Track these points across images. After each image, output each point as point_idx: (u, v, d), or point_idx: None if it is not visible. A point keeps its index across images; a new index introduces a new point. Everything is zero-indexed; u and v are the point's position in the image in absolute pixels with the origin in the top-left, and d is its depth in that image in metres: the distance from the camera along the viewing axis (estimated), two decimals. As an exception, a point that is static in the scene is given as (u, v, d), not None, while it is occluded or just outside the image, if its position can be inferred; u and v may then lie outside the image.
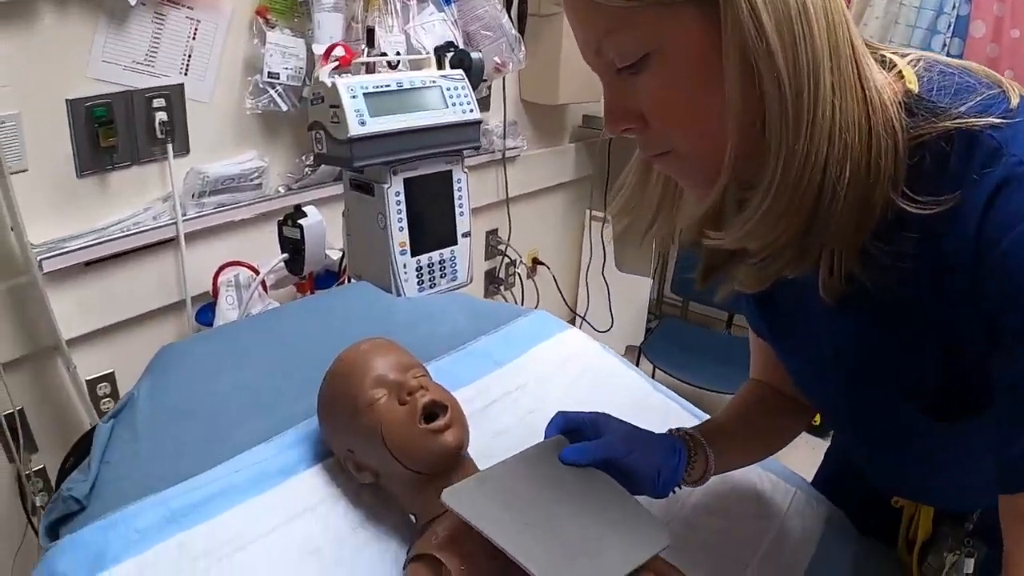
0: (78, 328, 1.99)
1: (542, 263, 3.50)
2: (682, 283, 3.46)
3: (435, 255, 1.69)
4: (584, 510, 0.93)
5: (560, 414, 1.05)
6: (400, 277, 1.61)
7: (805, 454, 1.34)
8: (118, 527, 1.00)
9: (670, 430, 1.09)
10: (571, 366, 1.48)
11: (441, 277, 1.70)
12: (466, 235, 1.74)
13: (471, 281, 1.76)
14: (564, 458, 0.98)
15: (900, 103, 0.74)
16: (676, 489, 1.03)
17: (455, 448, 0.99)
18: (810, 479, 1.40)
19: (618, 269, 3.65)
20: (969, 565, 1.08)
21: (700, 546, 1.18)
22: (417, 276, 1.66)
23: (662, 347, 3.33)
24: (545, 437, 1.03)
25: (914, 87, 0.76)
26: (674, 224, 0.95)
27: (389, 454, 0.99)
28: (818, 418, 3.54)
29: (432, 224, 1.69)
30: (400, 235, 1.60)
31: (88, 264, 1.96)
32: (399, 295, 1.63)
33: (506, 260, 3.27)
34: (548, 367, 1.45)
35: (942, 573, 1.10)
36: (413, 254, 1.64)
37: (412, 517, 1.03)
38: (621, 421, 1.04)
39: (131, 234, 2.02)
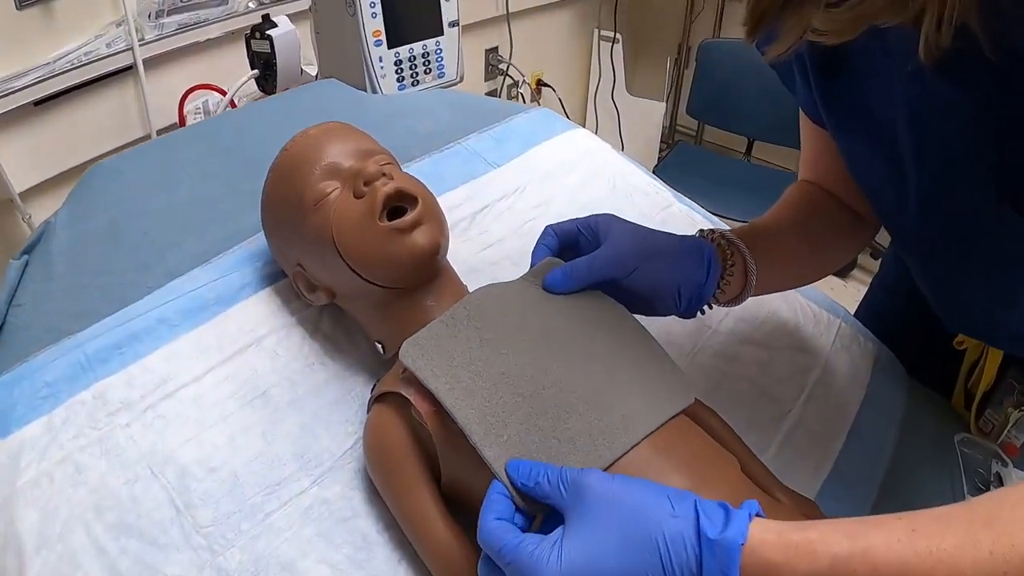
0: (33, 176, 1.77)
1: (547, 85, 3.18)
2: (698, 107, 3.08)
3: (417, 47, 1.39)
4: (581, 357, 0.69)
5: (549, 229, 0.79)
6: (376, 72, 1.32)
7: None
8: (24, 381, 0.79)
9: (700, 231, 0.83)
10: (580, 168, 1.20)
11: (425, 73, 1.40)
12: (453, 24, 1.43)
13: (462, 79, 1.46)
14: (547, 285, 0.73)
15: None
16: (706, 308, 0.81)
17: (427, 251, 0.72)
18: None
19: (629, 93, 3.34)
20: (1037, 423, 0.90)
21: (736, 381, 0.97)
22: (396, 71, 1.36)
23: (677, 173, 2.99)
24: (532, 262, 0.77)
25: None
26: None
27: (343, 263, 0.73)
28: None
29: (411, 11, 1.38)
30: (373, 23, 1.30)
31: (38, 104, 1.73)
32: (375, 93, 1.33)
33: (508, 81, 2.95)
34: (551, 168, 1.17)
35: (1004, 431, 0.94)
36: (390, 45, 1.35)
37: (379, 346, 0.77)
38: (627, 224, 0.78)
39: (83, 65, 1.78)
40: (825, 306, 1.11)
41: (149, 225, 0.95)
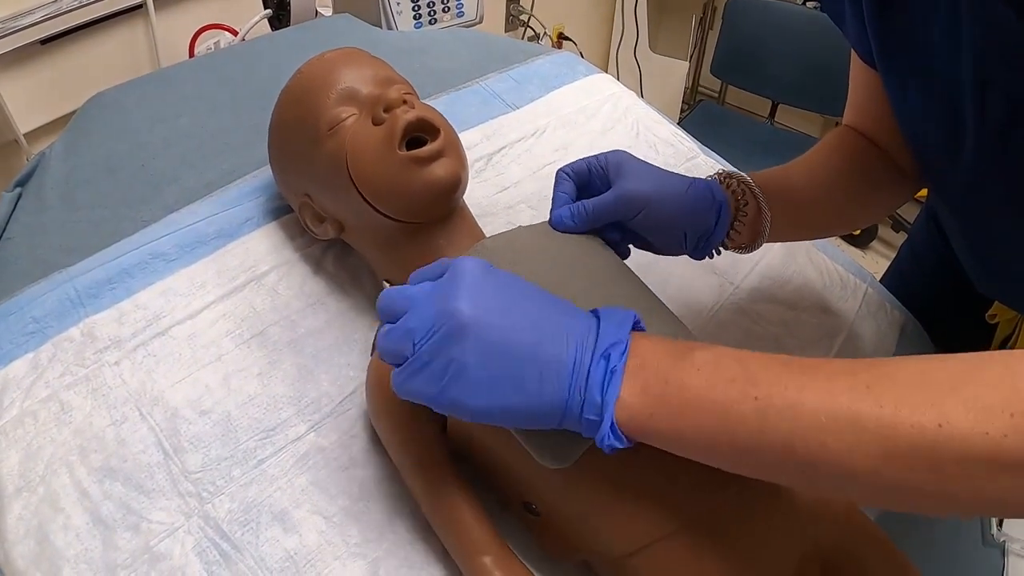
0: (39, 117, 1.66)
1: (568, 38, 3.08)
2: (723, 66, 2.99)
3: (435, -19, 1.32)
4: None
5: (561, 172, 0.74)
6: (391, 8, 1.25)
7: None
8: (11, 316, 0.74)
9: (717, 173, 0.78)
10: (602, 114, 1.13)
11: (444, 11, 1.34)
12: (474, -40, 1.35)
13: (481, 20, 1.39)
14: (553, 223, 0.70)
15: None
16: (721, 250, 0.78)
17: (446, 184, 0.67)
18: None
19: (651, 50, 3.23)
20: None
21: (760, 340, 0.92)
22: (413, 8, 1.30)
23: (698, 131, 2.87)
24: (554, 206, 0.72)
25: None
26: None
27: (356, 192, 0.68)
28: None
29: (428, -57, 1.30)
30: (389, -45, 1.23)
31: (44, 42, 1.62)
32: (390, 30, 1.27)
33: (528, 32, 2.86)
34: (572, 112, 1.11)
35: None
36: (407, -21, 1.27)
37: (387, 285, 0.71)
38: (638, 165, 0.73)
39: (92, 3, 1.66)
40: (852, 270, 1.05)
41: (148, 158, 0.90)
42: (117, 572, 0.60)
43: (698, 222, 0.73)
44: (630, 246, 0.76)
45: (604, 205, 0.69)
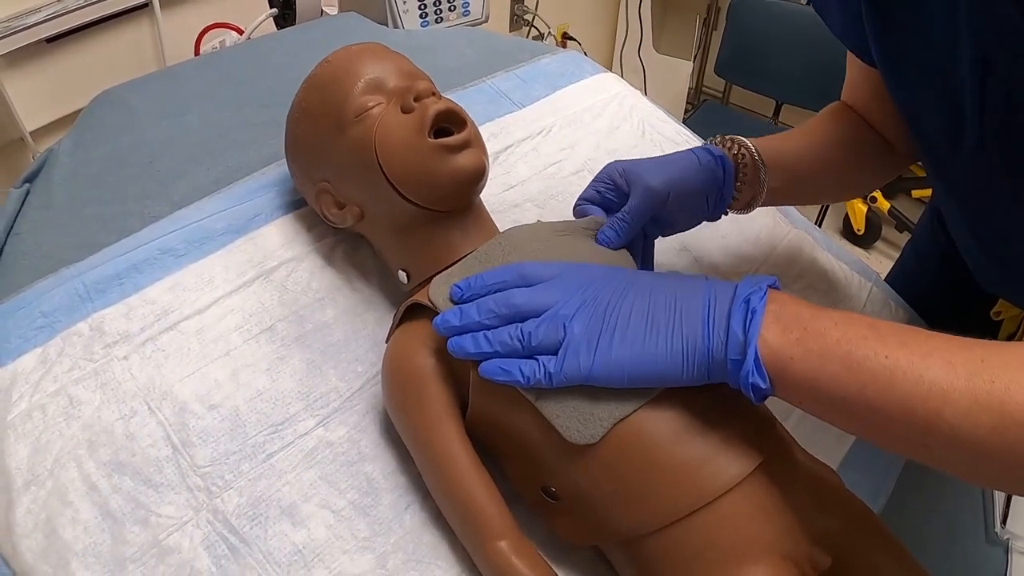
0: (45, 115, 1.68)
1: (572, 38, 3.08)
2: (727, 66, 2.99)
3: (441, -20, 1.33)
4: None
5: (579, 206, 0.79)
6: (398, 7, 1.25)
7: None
8: (20, 312, 0.74)
9: (714, 138, 0.83)
10: (607, 113, 1.13)
11: (450, 10, 1.34)
12: (479, -41, 1.36)
13: (487, 19, 1.39)
14: (602, 243, 0.73)
15: None
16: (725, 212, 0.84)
17: (473, 173, 0.69)
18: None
19: (656, 50, 3.24)
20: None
21: None
22: (419, 7, 1.31)
23: (703, 130, 2.88)
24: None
25: None
26: None
27: (382, 177, 0.69)
28: (862, 224, 3.13)
29: (434, -58, 1.31)
30: (396, -46, 1.23)
31: (50, 41, 1.64)
32: (396, 28, 1.27)
33: (533, 32, 2.86)
34: (578, 111, 1.11)
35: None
36: (413, -22, 1.28)
37: (403, 275, 0.73)
38: (640, 161, 0.77)
39: (98, 1, 1.68)
40: (857, 268, 1.06)
41: (155, 155, 0.90)
42: (126, 566, 0.60)
43: (712, 181, 0.77)
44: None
45: (638, 209, 0.72)
